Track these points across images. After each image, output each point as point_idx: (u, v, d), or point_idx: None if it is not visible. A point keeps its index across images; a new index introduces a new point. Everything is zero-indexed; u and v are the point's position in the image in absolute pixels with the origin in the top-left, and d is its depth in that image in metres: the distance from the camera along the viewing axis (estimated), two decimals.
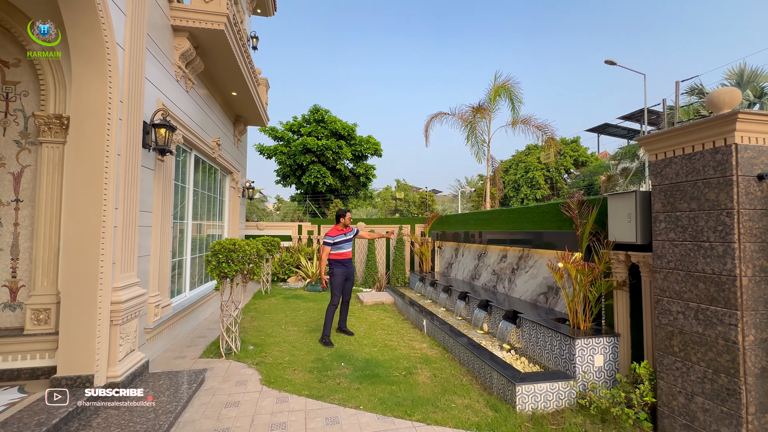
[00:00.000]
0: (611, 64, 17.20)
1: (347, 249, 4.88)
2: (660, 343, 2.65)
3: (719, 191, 2.28)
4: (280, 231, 10.64)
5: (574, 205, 3.71)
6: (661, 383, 2.64)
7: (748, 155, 2.22)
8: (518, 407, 2.89)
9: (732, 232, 2.20)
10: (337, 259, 4.83)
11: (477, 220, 6.26)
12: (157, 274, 3.93)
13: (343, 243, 4.84)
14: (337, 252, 4.82)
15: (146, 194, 3.63)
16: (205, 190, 6.21)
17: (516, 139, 49.85)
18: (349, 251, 4.91)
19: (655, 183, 2.71)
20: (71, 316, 2.72)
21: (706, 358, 2.34)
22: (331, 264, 4.84)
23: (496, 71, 10.34)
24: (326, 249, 4.78)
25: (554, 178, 26.75)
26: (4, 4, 2.87)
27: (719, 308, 2.27)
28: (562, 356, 3.25)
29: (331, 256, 4.83)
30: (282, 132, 17.35)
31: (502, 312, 4.31)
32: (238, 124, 7.77)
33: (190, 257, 5.46)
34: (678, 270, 2.52)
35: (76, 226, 2.75)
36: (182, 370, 3.52)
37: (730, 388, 2.20)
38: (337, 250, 4.81)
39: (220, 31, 4.39)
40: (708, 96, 2.47)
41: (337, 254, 4.82)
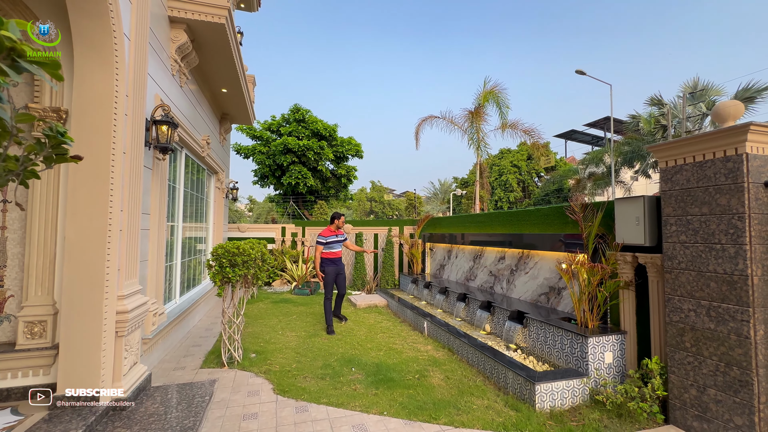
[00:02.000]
0: (581, 74, 18.13)
1: (338, 249, 5.41)
2: (671, 339, 2.81)
3: (731, 197, 2.45)
4: (262, 233, 10.31)
5: (578, 209, 3.86)
6: (672, 377, 2.79)
7: (757, 164, 2.40)
8: (537, 406, 2.96)
9: (744, 235, 2.37)
10: (329, 258, 5.33)
11: (473, 222, 6.37)
12: (154, 279, 3.69)
13: (334, 243, 5.36)
14: (328, 251, 5.32)
15: (145, 195, 3.40)
16: (192, 190, 5.91)
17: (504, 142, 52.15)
18: (339, 251, 5.44)
19: (665, 188, 2.88)
20: (73, 328, 2.48)
21: (719, 353, 2.50)
22: (323, 262, 5.32)
23: (486, 77, 10.57)
24: (319, 248, 5.28)
25: (526, 181, 27.77)
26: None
27: (731, 306, 2.43)
28: (574, 354, 3.36)
29: (323, 255, 5.31)
30: (260, 131, 16.85)
31: (507, 312, 4.40)
32: (224, 122, 7.47)
33: (180, 261, 5.17)
34: (689, 270, 2.68)
35: (78, 230, 2.52)
36: (186, 382, 3.32)
37: (743, 380, 2.37)
38: (329, 249, 5.32)
39: (221, 24, 4.20)
40: (714, 108, 2.66)
41: (328, 253, 5.32)
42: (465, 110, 10.13)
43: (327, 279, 5.26)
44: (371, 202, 37.25)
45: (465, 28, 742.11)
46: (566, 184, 24.01)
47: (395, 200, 39.07)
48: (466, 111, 10.13)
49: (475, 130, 10.08)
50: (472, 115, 9.98)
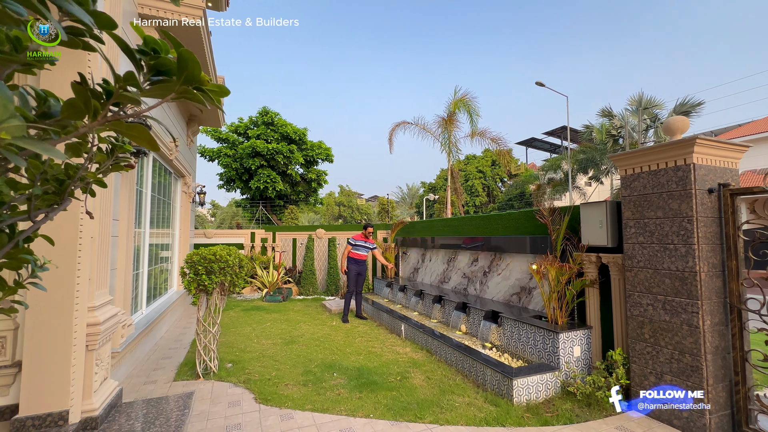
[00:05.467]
0: (540, 86, 19.24)
1: (363, 252, 6.28)
2: (632, 331, 3.08)
3: (681, 202, 2.75)
4: (230, 239, 9.97)
5: (547, 213, 4.13)
6: (633, 366, 3.06)
7: (702, 173, 2.72)
8: (515, 400, 3.12)
9: (692, 236, 2.67)
10: (354, 258, 6.24)
11: (446, 227, 6.56)
12: (122, 289, 3.49)
13: (361, 247, 6.26)
14: (355, 252, 6.23)
15: (114, 200, 3.23)
16: (159, 194, 5.63)
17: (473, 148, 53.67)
18: (365, 255, 6.29)
19: (625, 194, 3.17)
20: (39, 344, 2.31)
21: (673, 342, 2.79)
22: (348, 261, 6.22)
23: (456, 86, 10.95)
24: (348, 247, 6.24)
25: (491, 186, 28.88)
26: None
27: (683, 299, 2.72)
28: (546, 350, 3.58)
29: (350, 254, 6.22)
30: (226, 134, 16.30)
31: (482, 313, 4.59)
32: (191, 124, 7.19)
33: (147, 269, 4.90)
34: (647, 268, 2.97)
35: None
36: (162, 396, 3.16)
37: (694, 365, 2.66)
38: (356, 251, 6.23)
39: (196, 27, 4.09)
40: (665, 122, 2.98)
41: (355, 254, 6.23)
42: (439, 117, 10.47)
43: (349, 275, 6.19)
44: (340, 207, 37.05)
45: (440, 31, 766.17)
46: (527, 189, 25.27)
47: (365, 204, 39.14)
48: (440, 118, 10.48)
49: (448, 136, 10.43)
50: (445, 122, 10.33)
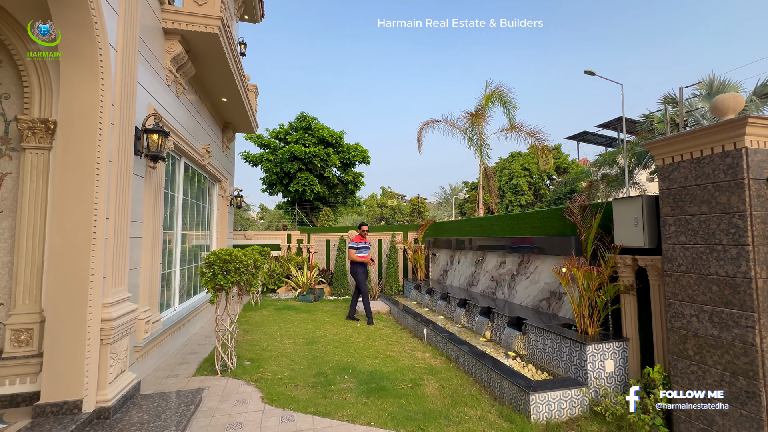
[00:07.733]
0: (590, 74, 17.80)
1: (365, 254, 6.34)
2: (673, 346, 2.64)
3: (731, 194, 2.30)
4: (268, 240, 10.38)
5: (576, 210, 3.73)
6: (675, 387, 2.62)
7: (758, 159, 2.26)
8: (532, 417, 2.83)
9: (745, 235, 2.22)
10: (361, 261, 6.28)
11: (474, 226, 6.25)
12: (148, 287, 3.71)
13: (363, 249, 6.29)
14: (360, 255, 6.26)
15: (137, 203, 3.43)
16: (193, 198, 5.98)
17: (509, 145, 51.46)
18: (367, 256, 6.35)
19: (663, 187, 2.74)
20: (57, 336, 2.50)
21: (723, 361, 2.34)
22: (356, 265, 6.29)
23: (488, 79, 10.38)
24: (351, 251, 6.29)
25: (537, 184, 27.32)
26: None
27: (735, 311, 2.27)
28: (572, 363, 3.21)
29: (357, 258, 6.26)
30: (268, 139, 17.09)
31: (506, 319, 4.26)
32: (226, 131, 7.57)
33: (179, 269, 5.21)
34: (690, 273, 2.53)
35: (63, 238, 2.55)
36: (176, 390, 3.30)
37: (750, 391, 2.20)
38: (359, 254, 6.26)
39: (214, 34, 4.26)
40: (713, 101, 2.52)
41: (360, 257, 6.27)
42: (466, 112, 10.00)
43: (359, 278, 6.26)
44: (382, 208, 37.28)
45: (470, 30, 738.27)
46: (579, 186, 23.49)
47: (405, 206, 38.95)
48: (467, 113, 9.98)
49: (478, 132, 9.92)
50: (472, 117, 9.81)
